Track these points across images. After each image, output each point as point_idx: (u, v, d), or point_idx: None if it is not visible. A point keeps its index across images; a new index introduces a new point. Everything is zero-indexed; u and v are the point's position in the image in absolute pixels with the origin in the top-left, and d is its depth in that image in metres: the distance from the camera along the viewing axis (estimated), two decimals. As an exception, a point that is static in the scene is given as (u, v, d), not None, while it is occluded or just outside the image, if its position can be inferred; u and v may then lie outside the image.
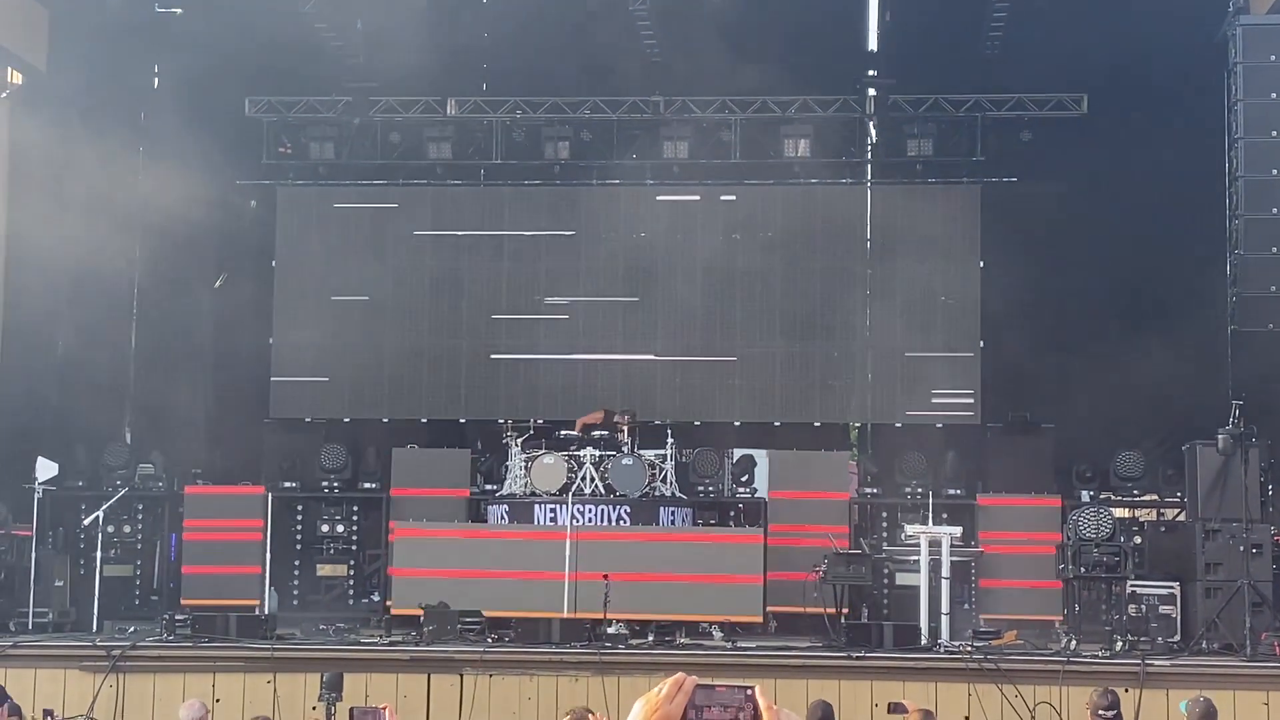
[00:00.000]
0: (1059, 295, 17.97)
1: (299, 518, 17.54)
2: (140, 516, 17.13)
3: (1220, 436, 13.96)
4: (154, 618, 15.28)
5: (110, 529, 16.41)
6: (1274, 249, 13.76)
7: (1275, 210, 13.80)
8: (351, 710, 8.86)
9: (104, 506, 15.83)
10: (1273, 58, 13.89)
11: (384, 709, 8.85)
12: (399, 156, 19.12)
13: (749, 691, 2.84)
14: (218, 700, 12.98)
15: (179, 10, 18.67)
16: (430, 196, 19.24)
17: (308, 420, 18.77)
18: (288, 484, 17.50)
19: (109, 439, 17.70)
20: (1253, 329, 14.62)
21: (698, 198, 18.95)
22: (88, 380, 17.57)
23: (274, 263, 19.13)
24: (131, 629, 14.28)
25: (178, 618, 14.09)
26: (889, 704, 11.79)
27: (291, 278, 19.08)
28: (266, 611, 15.21)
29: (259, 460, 18.04)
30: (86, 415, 17.36)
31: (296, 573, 17.33)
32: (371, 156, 19.08)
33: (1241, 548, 13.63)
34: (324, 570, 17.34)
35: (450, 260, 19.05)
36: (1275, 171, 13.83)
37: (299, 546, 17.45)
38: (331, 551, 17.41)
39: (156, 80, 19.34)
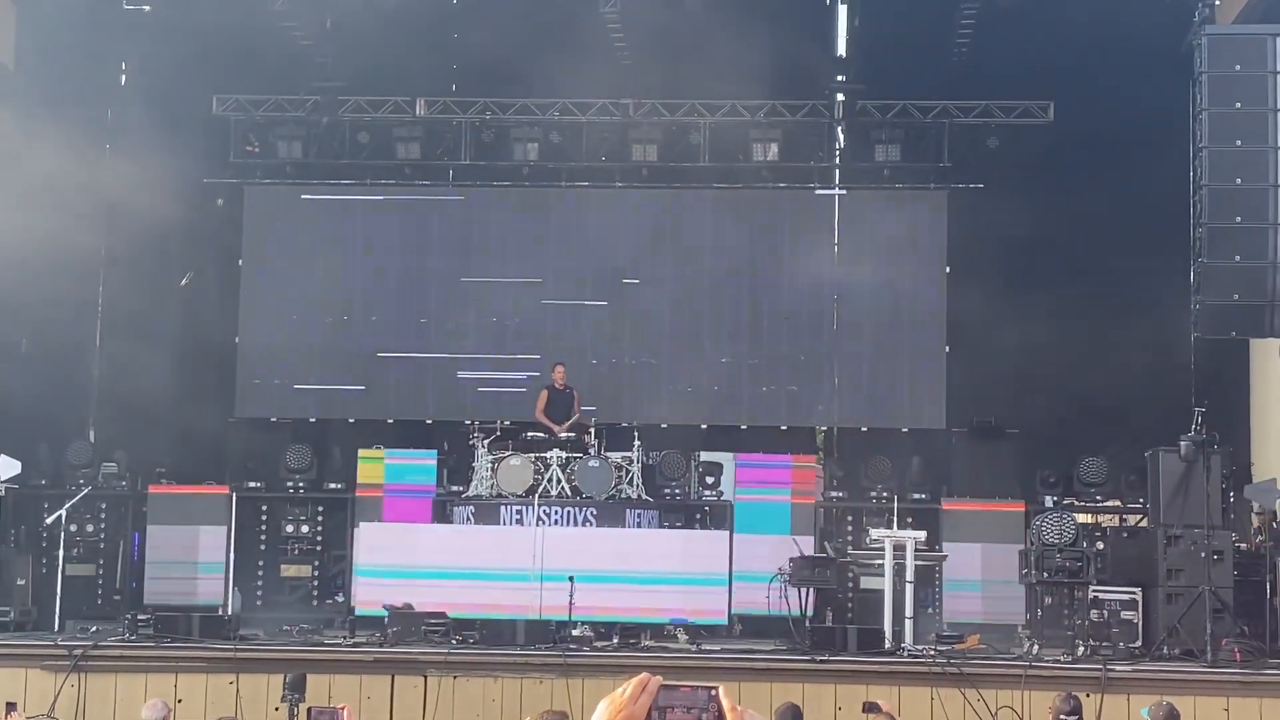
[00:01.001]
0: (1024, 301, 18.05)
1: (263, 518, 17.48)
2: (103, 515, 17.02)
3: (1182, 443, 14.03)
4: (116, 617, 15.17)
5: (73, 528, 16.31)
6: (1237, 257, 13.84)
7: (1239, 219, 13.88)
8: (309, 710, 8.84)
9: (67, 505, 15.75)
10: (1237, 67, 13.97)
11: (342, 709, 8.85)
12: (367, 156, 19.08)
13: (713, 692, 2.86)
14: (180, 700, 12.92)
15: (147, 7, 18.56)
16: (398, 196, 19.20)
17: (273, 420, 18.72)
18: (252, 484, 17.44)
19: (72, 437, 17.59)
20: (1216, 337, 14.71)
21: (665, 200, 18.98)
22: (51, 378, 17.46)
23: (240, 261, 19.07)
24: (94, 628, 14.18)
25: (140, 617, 14.00)
26: (864, 704, 11.81)
27: (258, 277, 19.02)
28: (230, 612, 15.16)
29: (224, 460, 17.98)
30: (50, 413, 17.25)
31: (260, 573, 17.27)
32: (340, 156, 19.03)
33: (1203, 554, 13.71)
34: (288, 571, 17.28)
35: (418, 261, 19.02)
36: (1239, 180, 13.91)
37: (263, 547, 17.39)
38: (296, 552, 17.35)
39: (124, 77, 19.25)
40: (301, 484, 17.51)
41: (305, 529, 17.37)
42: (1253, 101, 13.90)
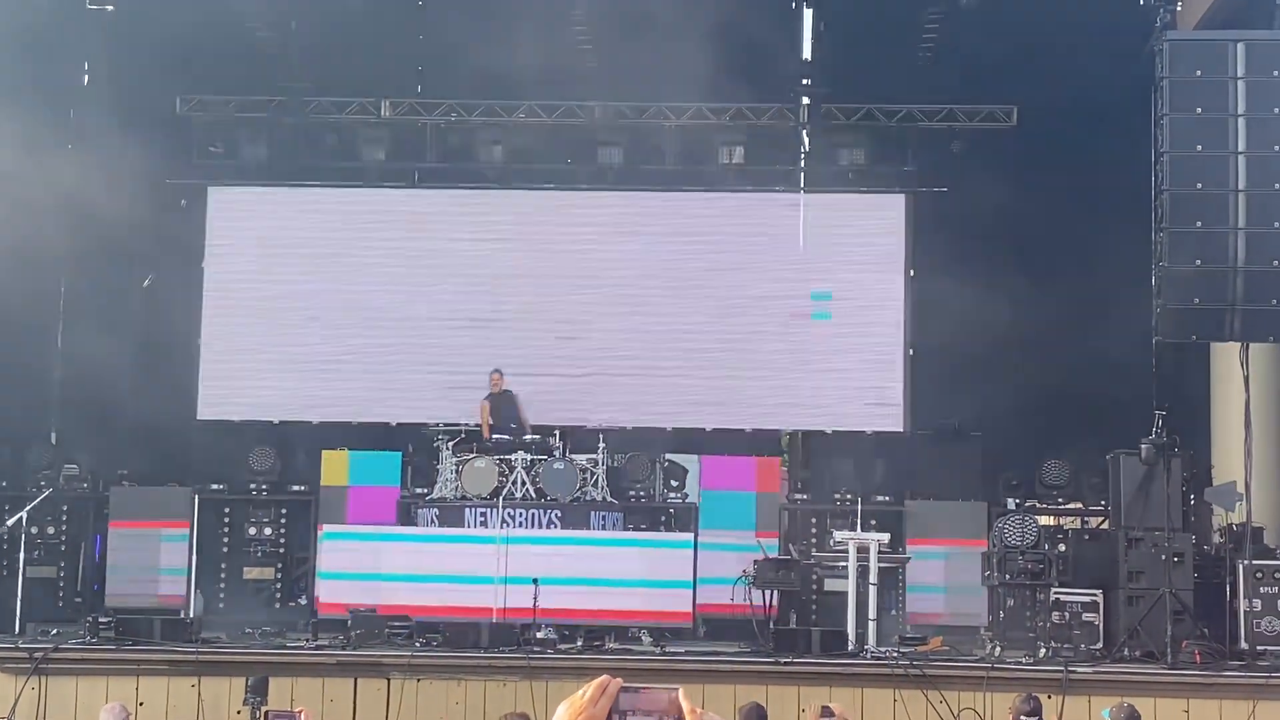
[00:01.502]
0: (987, 304, 18.13)
1: (226, 520, 17.41)
2: (64, 518, 16.92)
3: (1143, 446, 14.13)
4: (77, 620, 15.08)
5: (34, 530, 16.20)
6: (1198, 261, 13.93)
7: (1199, 224, 13.97)
8: (267, 714, 8.80)
9: (28, 507, 15.65)
10: (1199, 73, 14.06)
11: (300, 713, 8.81)
12: (332, 158, 19.02)
13: (673, 694, 2.87)
14: (141, 704, 12.85)
15: (110, 7, 18.46)
16: (363, 198, 19.15)
17: (236, 422, 18.64)
18: (215, 486, 17.37)
19: (33, 439, 17.48)
20: (1176, 340, 14.81)
21: (631, 203, 18.99)
22: (12, 379, 17.34)
23: (204, 263, 18.99)
24: (54, 631, 14.09)
25: (101, 620, 13.93)
26: (820, 707, 11.84)
27: (221, 278, 18.93)
28: (192, 614, 15.08)
29: (186, 462, 17.89)
30: (11, 415, 17.14)
31: (223, 576, 17.20)
32: (304, 157, 18.97)
33: (1163, 557, 13.82)
34: (251, 573, 17.22)
35: (382, 263, 18.97)
36: (1200, 185, 13.99)
37: (226, 549, 17.32)
38: (259, 554, 17.29)
39: (87, 77, 19.13)
40: (265, 486, 17.44)
41: (268, 531, 17.32)
42: (1213, 107, 13.99)
